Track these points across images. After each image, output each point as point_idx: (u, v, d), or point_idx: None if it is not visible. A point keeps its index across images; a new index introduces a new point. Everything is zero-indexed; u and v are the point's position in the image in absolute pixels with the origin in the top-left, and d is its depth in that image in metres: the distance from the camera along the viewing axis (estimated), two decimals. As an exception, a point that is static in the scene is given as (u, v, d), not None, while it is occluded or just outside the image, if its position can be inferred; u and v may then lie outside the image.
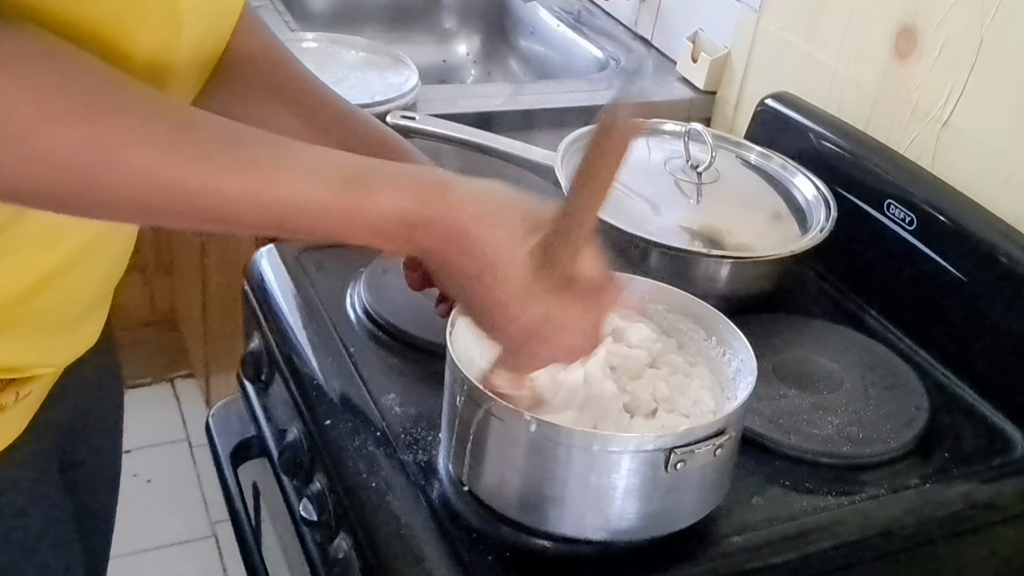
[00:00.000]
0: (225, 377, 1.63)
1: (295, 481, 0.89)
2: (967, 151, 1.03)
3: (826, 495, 0.81)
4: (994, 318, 0.95)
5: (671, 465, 0.68)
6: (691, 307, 0.80)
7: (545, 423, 0.68)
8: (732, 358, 0.77)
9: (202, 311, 1.82)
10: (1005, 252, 0.95)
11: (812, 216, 1.04)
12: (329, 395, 0.86)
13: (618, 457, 0.69)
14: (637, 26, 1.57)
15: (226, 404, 1.09)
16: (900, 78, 1.10)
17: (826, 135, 1.14)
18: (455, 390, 0.72)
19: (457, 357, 0.71)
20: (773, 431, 0.86)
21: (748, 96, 1.32)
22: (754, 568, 0.76)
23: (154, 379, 2.08)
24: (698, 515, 0.75)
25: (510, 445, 0.71)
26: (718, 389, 0.76)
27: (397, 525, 0.74)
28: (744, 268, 0.98)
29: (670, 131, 1.14)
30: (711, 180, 1.06)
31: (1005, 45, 0.98)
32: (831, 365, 0.94)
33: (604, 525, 0.72)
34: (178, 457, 1.95)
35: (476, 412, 0.70)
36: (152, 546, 1.75)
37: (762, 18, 1.30)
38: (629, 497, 0.70)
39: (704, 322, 0.79)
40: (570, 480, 0.70)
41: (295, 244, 1.04)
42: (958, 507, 0.84)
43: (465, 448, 0.73)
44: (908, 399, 0.92)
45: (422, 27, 1.75)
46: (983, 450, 0.90)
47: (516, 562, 0.72)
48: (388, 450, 0.80)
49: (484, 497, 0.74)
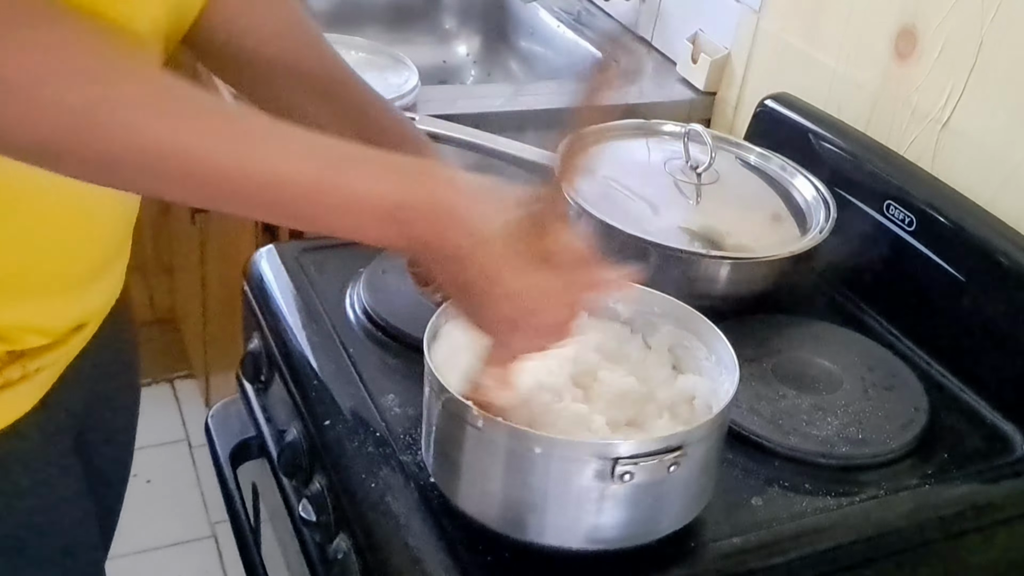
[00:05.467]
0: (225, 377, 1.62)
1: (294, 481, 0.89)
2: (967, 152, 1.03)
3: (825, 496, 0.81)
4: (994, 318, 0.95)
5: (616, 476, 0.67)
6: (689, 322, 0.79)
7: (490, 420, 0.67)
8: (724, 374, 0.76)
9: (202, 311, 1.82)
10: (1005, 253, 0.95)
11: (812, 217, 1.04)
12: (329, 395, 0.86)
13: (564, 464, 0.68)
14: (637, 27, 1.57)
15: (226, 404, 1.09)
16: (900, 79, 1.10)
17: (826, 136, 1.14)
18: (431, 400, 0.73)
19: (435, 366, 0.71)
20: (773, 432, 0.86)
21: (748, 97, 1.32)
22: (754, 569, 0.76)
23: (154, 379, 2.07)
24: (677, 523, 0.74)
25: (476, 450, 0.71)
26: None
27: (397, 525, 0.74)
28: (743, 269, 0.98)
29: (670, 132, 1.14)
30: (711, 181, 1.06)
31: (1005, 46, 0.98)
32: (830, 366, 0.94)
33: (577, 533, 0.71)
34: (178, 457, 1.95)
35: (454, 422, 0.70)
36: (152, 546, 1.75)
37: (762, 19, 1.30)
38: (585, 505, 0.70)
39: (699, 335, 0.79)
40: (529, 484, 0.69)
41: (295, 244, 1.04)
42: (958, 508, 0.84)
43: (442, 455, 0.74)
44: (907, 400, 0.92)
45: (422, 27, 1.75)
46: (983, 451, 0.90)
47: (516, 562, 0.72)
48: (387, 450, 0.80)
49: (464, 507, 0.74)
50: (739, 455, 0.84)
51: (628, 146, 1.11)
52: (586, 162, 0.67)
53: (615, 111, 1.05)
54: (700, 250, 0.97)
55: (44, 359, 0.69)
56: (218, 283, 1.69)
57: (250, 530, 1.00)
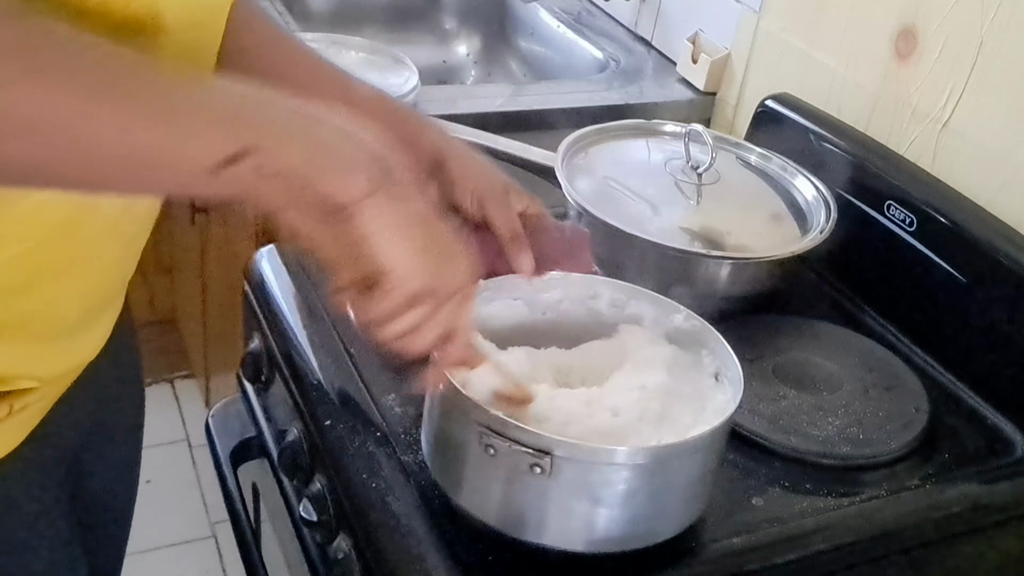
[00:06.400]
0: (225, 377, 1.62)
1: (295, 481, 0.89)
2: (967, 152, 1.03)
3: (826, 496, 0.81)
4: (994, 319, 0.95)
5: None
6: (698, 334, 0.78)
7: (451, 388, 0.67)
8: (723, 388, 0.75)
9: (202, 311, 1.82)
10: (1005, 253, 0.95)
11: (812, 217, 1.04)
12: (329, 395, 0.86)
13: (565, 464, 0.67)
14: (637, 27, 1.57)
15: (226, 404, 1.09)
16: (900, 79, 1.10)
17: (826, 136, 1.14)
18: (433, 399, 0.73)
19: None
20: (773, 432, 0.86)
21: (748, 97, 1.32)
22: (754, 569, 0.76)
23: (154, 379, 2.07)
24: (678, 527, 0.74)
25: (477, 450, 0.70)
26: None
27: (397, 525, 0.74)
28: (744, 269, 0.98)
29: (670, 132, 1.14)
30: (711, 181, 1.06)
31: (1005, 46, 0.98)
32: (831, 366, 0.94)
33: (578, 533, 0.71)
34: (178, 457, 1.95)
35: (455, 421, 0.70)
36: (152, 546, 1.75)
37: (762, 19, 1.30)
38: (585, 506, 0.69)
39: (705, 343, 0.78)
40: (530, 483, 0.69)
41: (296, 245, 1.04)
42: (958, 508, 0.84)
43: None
44: (908, 400, 0.92)
45: (422, 27, 1.76)
46: (983, 451, 0.90)
47: (516, 562, 0.72)
48: (388, 450, 0.80)
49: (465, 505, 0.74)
50: (739, 455, 0.84)
51: (628, 146, 1.11)
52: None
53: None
54: (700, 250, 0.97)
55: (32, 395, 0.67)
56: (218, 283, 1.68)
57: (250, 530, 1.00)
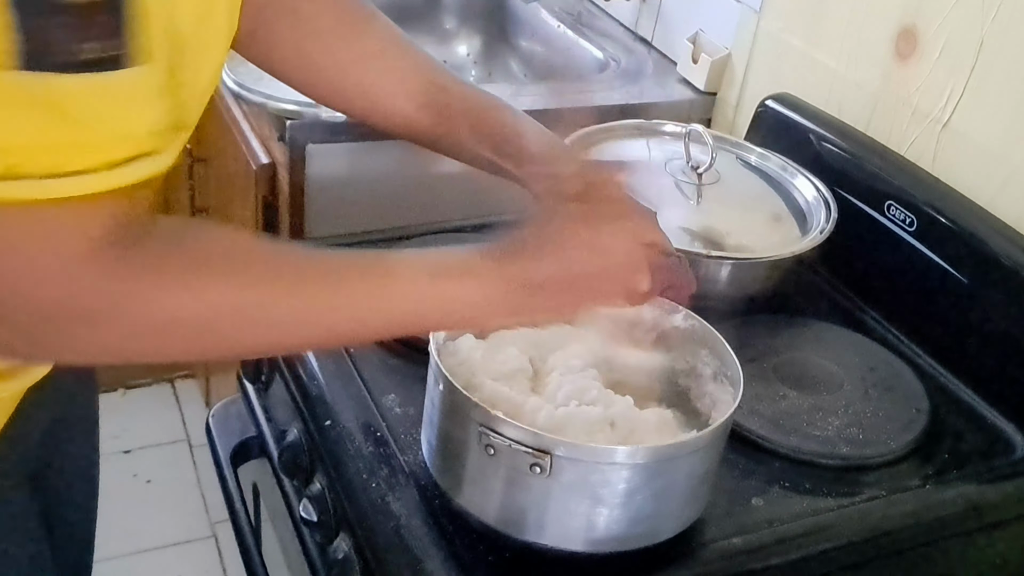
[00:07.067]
0: (225, 377, 1.62)
1: (295, 481, 0.89)
2: (967, 152, 1.03)
3: (826, 496, 0.81)
4: (994, 319, 0.95)
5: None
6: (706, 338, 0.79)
7: (450, 384, 0.69)
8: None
9: (202, 311, 1.82)
10: (1005, 253, 0.95)
11: (812, 217, 1.04)
12: (329, 395, 0.86)
13: (565, 465, 0.67)
14: (637, 27, 1.57)
15: (226, 404, 1.09)
16: (900, 79, 1.10)
17: (826, 136, 1.14)
18: (433, 399, 0.73)
19: (442, 363, 0.71)
20: (773, 432, 0.86)
21: (748, 97, 1.32)
22: (754, 569, 0.76)
23: (154, 379, 2.07)
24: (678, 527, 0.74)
25: (478, 449, 0.70)
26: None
27: (397, 525, 0.74)
28: (744, 269, 0.98)
29: (670, 132, 1.14)
30: (711, 181, 1.06)
31: (1005, 46, 0.98)
32: (831, 366, 0.94)
33: (578, 533, 0.71)
34: (178, 457, 1.95)
35: (456, 420, 0.70)
36: (152, 546, 1.75)
37: (762, 19, 1.30)
38: (586, 506, 0.70)
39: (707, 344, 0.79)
40: (530, 483, 0.69)
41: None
42: (958, 508, 0.84)
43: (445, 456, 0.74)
44: (908, 401, 0.92)
45: (422, 27, 1.75)
46: (983, 451, 0.90)
47: (516, 562, 0.72)
48: (388, 450, 0.80)
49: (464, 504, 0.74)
50: (740, 455, 0.84)
51: (628, 146, 1.11)
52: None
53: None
54: (701, 250, 0.97)
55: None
56: (218, 283, 1.68)
57: (251, 530, 1.00)
